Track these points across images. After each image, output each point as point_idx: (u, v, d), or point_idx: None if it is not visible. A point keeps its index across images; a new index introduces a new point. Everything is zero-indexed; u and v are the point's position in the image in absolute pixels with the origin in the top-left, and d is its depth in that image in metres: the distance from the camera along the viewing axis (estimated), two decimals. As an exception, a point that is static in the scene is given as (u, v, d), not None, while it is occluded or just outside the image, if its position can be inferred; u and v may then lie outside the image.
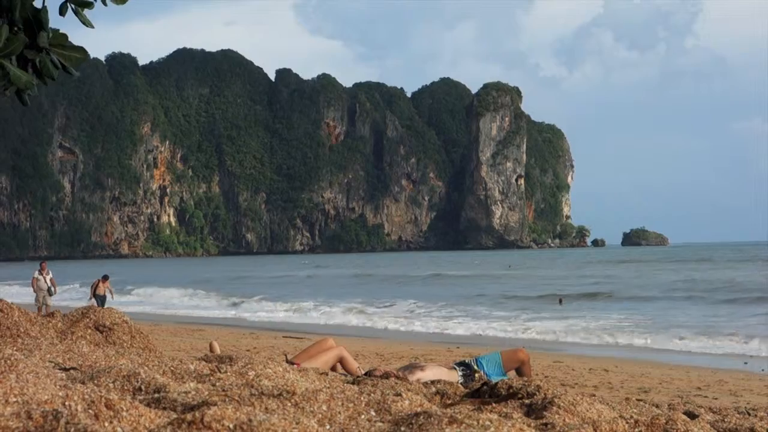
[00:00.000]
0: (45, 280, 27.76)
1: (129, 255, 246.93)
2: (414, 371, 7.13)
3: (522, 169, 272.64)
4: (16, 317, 5.32)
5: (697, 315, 30.00)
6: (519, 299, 40.31)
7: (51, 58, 3.38)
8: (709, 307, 34.00)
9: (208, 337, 20.51)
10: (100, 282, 29.38)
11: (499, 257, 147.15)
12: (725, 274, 58.45)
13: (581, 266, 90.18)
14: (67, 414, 2.52)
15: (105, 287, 29.30)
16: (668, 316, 29.69)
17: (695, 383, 13.88)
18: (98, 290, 29.09)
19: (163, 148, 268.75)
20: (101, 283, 29.35)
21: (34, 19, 3.28)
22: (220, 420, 2.52)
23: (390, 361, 15.63)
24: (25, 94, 3.39)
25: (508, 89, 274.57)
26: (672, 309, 32.97)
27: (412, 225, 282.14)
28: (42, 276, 27.80)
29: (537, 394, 3.89)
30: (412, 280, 65.85)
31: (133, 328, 5.68)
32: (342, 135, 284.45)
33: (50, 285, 27.82)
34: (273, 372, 4.02)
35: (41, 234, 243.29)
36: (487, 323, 28.24)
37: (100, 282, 29.40)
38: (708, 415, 4.36)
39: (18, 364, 3.11)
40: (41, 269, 28.11)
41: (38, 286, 27.77)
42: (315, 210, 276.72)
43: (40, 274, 27.83)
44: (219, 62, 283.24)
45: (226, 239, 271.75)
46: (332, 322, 31.36)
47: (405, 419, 2.93)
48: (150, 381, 3.52)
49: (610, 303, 37.41)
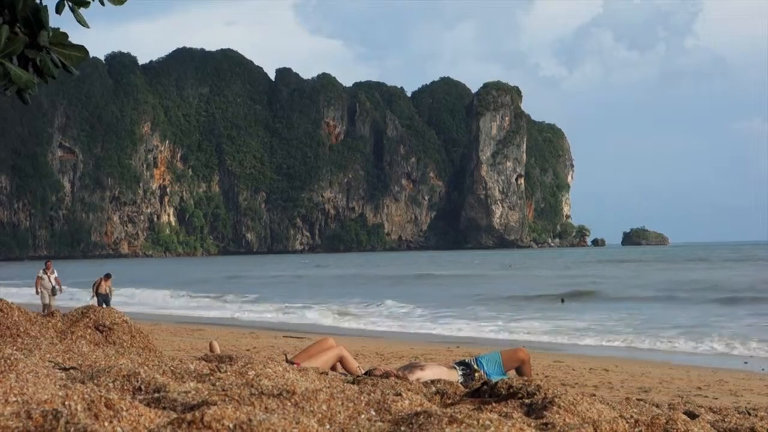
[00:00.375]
0: (49, 279, 27.39)
1: (129, 255, 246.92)
2: (414, 371, 7.12)
3: (522, 168, 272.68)
4: (16, 317, 5.32)
5: (688, 316, 29.96)
6: (516, 299, 40.20)
7: (51, 57, 3.38)
8: (701, 307, 33.96)
9: (207, 337, 20.51)
10: (102, 280, 28.95)
11: (499, 256, 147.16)
12: (721, 274, 58.49)
13: (580, 265, 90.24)
14: (66, 414, 2.52)
15: (107, 286, 28.84)
16: (666, 316, 29.69)
17: (695, 383, 13.88)
18: (100, 288, 28.65)
19: (163, 148, 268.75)
20: (103, 281, 28.91)
21: (35, 18, 3.28)
22: (220, 420, 2.52)
23: (390, 360, 15.64)
24: (26, 93, 3.39)
25: (508, 89, 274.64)
26: (668, 309, 32.97)
27: (412, 224, 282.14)
28: (46, 275, 27.44)
29: (537, 394, 3.89)
30: (404, 279, 65.47)
31: (133, 328, 5.68)
32: (342, 134, 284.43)
33: (55, 284, 27.43)
34: (273, 372, 4.02)
35: (41, 233, 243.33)
36: (478, 324, 28.14)
37: (102, 280, 28.97)
38: (708, 415, 4.36)
39: (18, 364, 3.11)
40: (46, 268, 27.74)
41: (42, 285, 27.40)
42: (315, 209, 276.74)
43: (45, 273, 27.46)
44: (219, 62, 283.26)
45: (226, 239, 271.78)
46: (306, 323, 30.80)
47: (405, 419, 2.92)
48: (150, 381, 3.51)
49: (608, 302, 37.36)
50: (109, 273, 29.82)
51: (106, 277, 29.07)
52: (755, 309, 31.34)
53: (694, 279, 53.94)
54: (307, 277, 76.44)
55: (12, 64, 3.27)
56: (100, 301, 28.52)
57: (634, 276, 62.23)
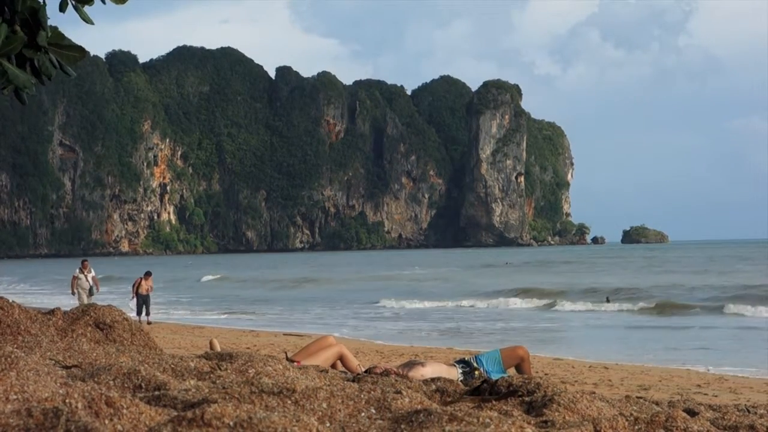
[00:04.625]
0: (86, 278, 25.61)
1: (129, 253, 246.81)
2: (414, 369, 7.13)
3: (522, 166, 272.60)
4: (17, 315, 5.32)
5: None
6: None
7: (49, 57, 3.37)
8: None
9: (208, 335, 20.51)
10: (143, 280, 26.84)
11: (499, 255, 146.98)
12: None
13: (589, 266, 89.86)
14: (67, 411, 2.52)
15: (148, 285, 26.80)
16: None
17: (695, 381, 13.89)
18: (141, 289, 26.66)
19: (164, 146, 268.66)
20: (144, 281, 26.81)
21: (33, 18, 3.28)
22: (220, 417, 2.52)
23: (390, 358, 15.64)
24: (23, 93, 3.39)
25: (508, 87, 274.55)
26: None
27: (412, 223, 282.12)
28: (83, 275, 25.64)
29: (537, 392, 3.89)
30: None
31: (134, 326, 5.68)
32: (342, 133, 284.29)
33: (92, 284, 25.67)
34: (273, 370, 4.02)
35: (41, 232, 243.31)
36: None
37: (142, 280, 26.84)
38: (708, 413, 4.36)
39: (18, 362, 3.11)
40: (82, 267, 25.86)
41: (79, 285, 25.58)
42: (315, 208, 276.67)
43: (81, 273, 25.67)
44: (219, 60, 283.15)
45: (227, 237, 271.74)
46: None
47: (405, 417, 2.93)
48: (150, 378, 3.52)
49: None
50: (149, 271, 27.85)
51: (146, 275, 27.07)
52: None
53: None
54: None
55: (10, 64, 3.27)
56: (140, 303, 26.63)
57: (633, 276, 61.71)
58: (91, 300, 24.68)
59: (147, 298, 26.74)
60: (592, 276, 59.62)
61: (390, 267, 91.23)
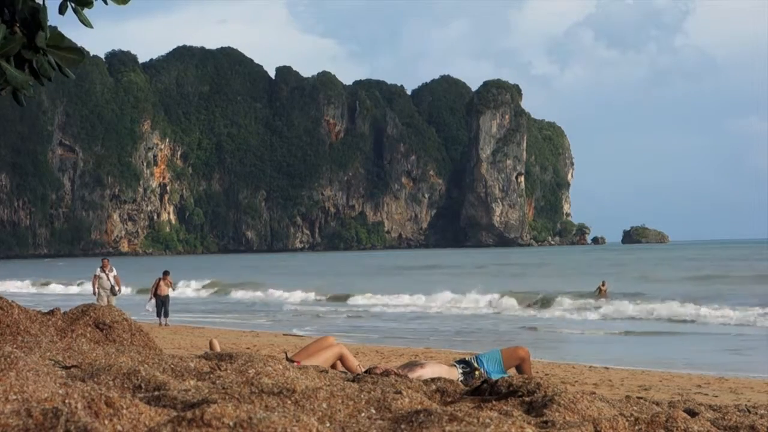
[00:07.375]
0: (108, 278, 24.76)
1: (129, 253, 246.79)
2: (414, 369, 7.12)
3: (522, 166, 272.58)
4: (16, 315, 5.32)
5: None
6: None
7: (48, 58, 3.37)
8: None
9: (208, 335, 20.51)
10: (161, 281, 25.91)
11: (499, 255, 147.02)
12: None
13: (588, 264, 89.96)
14: (66, 412, 2.52)
15: (167, 284, 25.96)
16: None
17: (695, 381, 13.88)
18: (160, 290, 25.81)
19: (163, 146, 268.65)
20: (162, 281, 25.88)
21: (33, 19, 3.27)
22: (220, 418, 2.52)
23: (390, 358, 15.63)
24: (21, 94, 3.38)
25: (508, 87, 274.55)
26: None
27: (412, 223, 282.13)
28: (105, 274, 24.81)
29: (537, 392, 3.88)
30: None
31: (134, 326, 5.68)
32: (342, 132, 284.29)
33: (114, 284, 24.79)
34: (273, 370, 4.02)
35: (41, 232, 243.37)
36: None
37: (160, 281, 25.91)
38: (708, 413, 4.36)
39: (18, 362, 3.11)
40: (103, 266, 25.05)
41: (101, 284, 24.78)
42: (315, 208, 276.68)
43: (103, 272, 24.85)
44: (219, 60, 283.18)
45: (227, 237, 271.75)
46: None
47: (405, 417, 2.92)
48: (150, 379, 3.51)
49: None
50: (167, 270, 26.84)
51: (164, 275, 26.14)
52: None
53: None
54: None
55: (8, 65, 3.26)
56: (159, 305, 25.84)
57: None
58: (113, 300, 23.94)
59: (166, 299, 26.08)
60: (593, 276, 59.61)
61: (390, 267, 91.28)
